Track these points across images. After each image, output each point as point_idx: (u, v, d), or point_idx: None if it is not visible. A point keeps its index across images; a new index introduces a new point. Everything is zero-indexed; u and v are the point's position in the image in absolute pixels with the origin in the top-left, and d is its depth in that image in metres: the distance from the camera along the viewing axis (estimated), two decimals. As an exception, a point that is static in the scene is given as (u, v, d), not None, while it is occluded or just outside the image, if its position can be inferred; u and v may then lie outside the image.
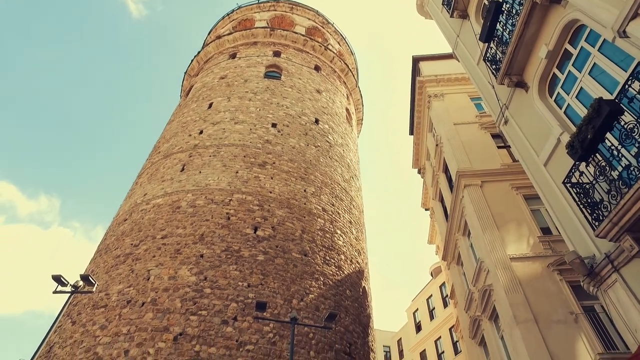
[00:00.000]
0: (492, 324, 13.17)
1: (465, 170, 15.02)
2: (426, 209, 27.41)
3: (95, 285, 11.40)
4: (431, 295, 29.91)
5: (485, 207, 13.67)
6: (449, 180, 18.09)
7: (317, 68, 29.51)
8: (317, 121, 24.59)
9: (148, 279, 15.07)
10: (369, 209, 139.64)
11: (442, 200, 20.42)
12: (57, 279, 10.90)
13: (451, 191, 16.92)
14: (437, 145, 18.98)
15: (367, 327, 18.63)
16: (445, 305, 27.75)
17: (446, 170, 18.59)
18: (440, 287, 29.06)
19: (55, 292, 10.95)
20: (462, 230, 15.90)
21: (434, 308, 29.36)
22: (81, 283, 11.31)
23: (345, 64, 32.09)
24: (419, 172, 26.26)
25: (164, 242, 16.14)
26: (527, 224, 12.86)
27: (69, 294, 11.23)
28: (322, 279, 16.82)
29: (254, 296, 14.36)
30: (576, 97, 8.03)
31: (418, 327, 30.72)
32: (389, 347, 36.62)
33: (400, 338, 34.65)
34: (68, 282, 11.16)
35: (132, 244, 16.82)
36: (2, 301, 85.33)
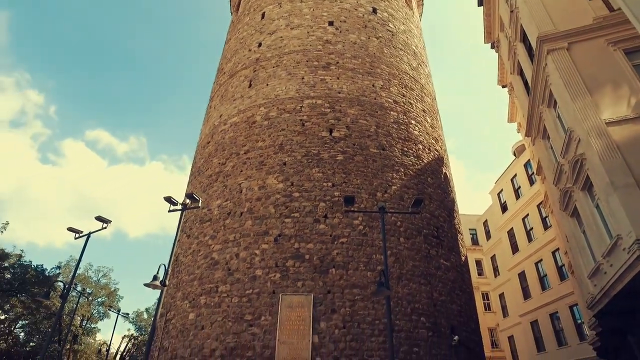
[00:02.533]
0: (585, 193, 12.75)
1: (548, 34, 13.44)
2: (503, 86, 25.52)
3: (200, 200, 12.76)
4: (515, 175, 29.17)
5: (573, 72, 12.40)
6: (529, 49, 16.42)
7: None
8: (374, 10, 22.96)
9: (241, 192, 16.49)
10: (442, 93, 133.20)
11: (521, 73, 18.81)
12: (168, 199, 12.35)
13: (532, 61, 15.45)
14: (511, 11, 16.97)
15: (452, 211, 19.06)
16: (532, 182, 27.04)
17: (524, 38, 16.79)
18: (525, 165, 28.09)
19: (169, 211, 12.48)
20: (547, 102, 14.79)
21: (519, 187, 28.80)
22: (188, 201, 12.72)
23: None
24: (492, 46, 24.01)
25: (248, 157, 17.22)
26: (628, 82, 11.55)
27: (181, 211, 12.75)
28: (402, 170, 17.12)
29: (339, 194, 15.16)
30: None
31: (504, 208, 30.64)
32: (475, 229, 37.35)
33: (486, 220, 35.00)
34: (177, 202, 12.62)
35: (219, 163, 18.19)
36: (129, 228, 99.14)
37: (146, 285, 10.67)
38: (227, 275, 14.78)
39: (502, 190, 30.98)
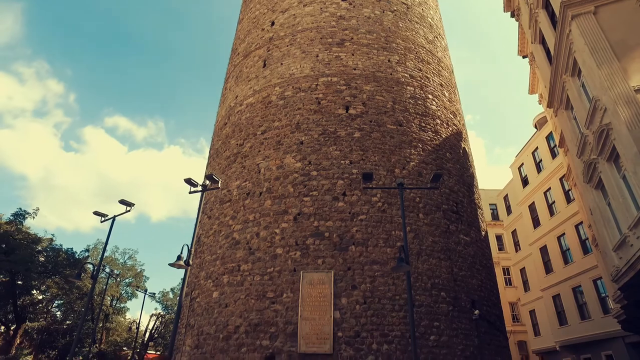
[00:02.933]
0: (610, 165, 12.40)
1: (573, -3, 12.86)
2: (524, 57, 24.70)
3: (220, 181, 12.94)
4: (537, 148, 28.50)
5: (600, 37, 11.88)
6: (551, 16, 15.79)
7: None
8: (388, -18, 22.28)
9: (259, 172, 16.61)
10: (459, 67, 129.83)
11: (543, 42, 18.15)
12: (188, 181, 12.56)
13: (554, 28, 14.87)
14: (534, -24, 16.27)
15: (471, 187, 18.84)
16: (554, 155, 26.40)
17: (547, 4, 16.14)
18: (547, 138, 27.40)
19: (190, 192, 12.72)
20: (570, 71, 14.28)
21: (540, 160, 28.17)
22: (207, 182, 12.92)
23: None
24: (512, 15, 23.17)
25: (265, 137, 17.26)
26: (660, 45, 11.02)
27: (201, 193, 12.98)
28: (420, 146, 16.93)
29: (357, 171, 15.13)
30: None
31: (524, 182, 30.09)
32: (495, 204, 36.88)
33: (507, 194, 34.49)
34: (197, 183, 12.82)
35: (237, 144, 18.31)
36: (151, 212, 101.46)
37: (171, 265, 10.99)
38: (249, 255, 15.07)
39: (522, 164, 30.37)
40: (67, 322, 33.24)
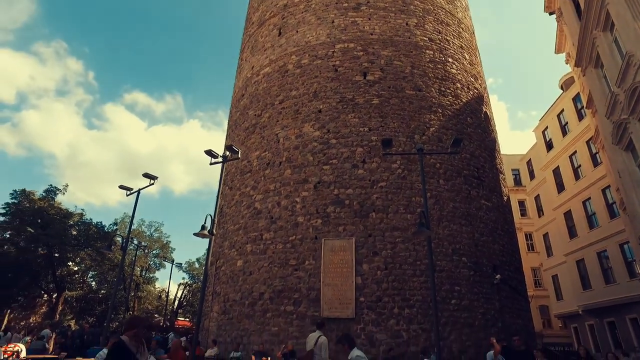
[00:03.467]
0: (643, 123, 11.92)
1: (606, -54, 12.07)
2: (551, 13, 23.50)
3: (239, 152, 13.03)
4: (562, 110, 27.50)
5: (635, -12, 11.18)
6: (582, -33, 14.90)
7: None
8: (406, -61, 21.29)
9: (278, 142, 16.65)
10: (480, 27, 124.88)
11: (572, -4, 17.21)
12: (209, 152, 12.69)
13: (585, -20, 14.05)
14: None
15: (493, 151, 18.47)
16: (580, 117, 25.47)
17: (577, -45, 15.21)
18: (573, 99, 26.36)
19: (211, 164, 12.86)
20: (602, 25, 13.55)
21: (566, 123, 27.23)
22: (227, 153, 13.03)
23: None
24: (539, -31, 21.90)
25: (283, 106, 17.19)
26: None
27: (221, 164, 13.11)
28: (440, 111, 16.59)
29: (376, 138, 15.00)
30: None
31: (549, 146, 29.25)
32: (518, 169, 36.13)
33: (530, 159, 33.66)
34: (218, 155, 12.95)
35: (255, 115, 18.31)
36: (174, 186, 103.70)
37: (195, 234, 11.27)
38: (270, 224, 15.34)
39: (547, 127, 29.43)
40: (102, 291, 35.00)
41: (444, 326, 13.18)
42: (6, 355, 8.57)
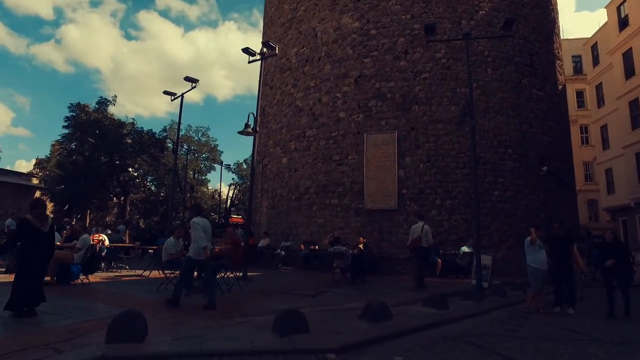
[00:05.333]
0: None
1: None
2: None
3: (276, 47, 12.76)
4: (643, -19, 23.78)
5: None
6: None
7: None
8: None
9: (316, 36, 16.03)
10: None
11: None
12: (246, 50, 12.53)
13: None
14: None
15: (550, 35, 16.86)
16: (662, -11, 22.07)
17: None
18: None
19: (250, 62, 12.74)
20: None
21: (647, -4, 23.68)
22: (265, 50, 12.80)
23: None
24: None
25: (319, -3, 16.18)
26: None
27: (260, 61, 12.98)
28: (492, -11, 14.98)
29: (419, 26, 14.02)
30: None
31: (623, 24, 25.88)
32: (580, 56, 32.88)
33: (596, 42, 30.22)
34: (255, 52, 12.77)
35: (291, 9, 17.45)
36: (217, 92, 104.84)
37: (240, 132, 11.69)
38: (312, 121, 15.49)
39: (624, 1, 25.77)
40: (162, 194, 38.09)
41: (486, 216, 13.45)
42: (94, 242, 10.06)
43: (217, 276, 8.45)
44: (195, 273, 8.45)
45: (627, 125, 25.51)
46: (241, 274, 10.23)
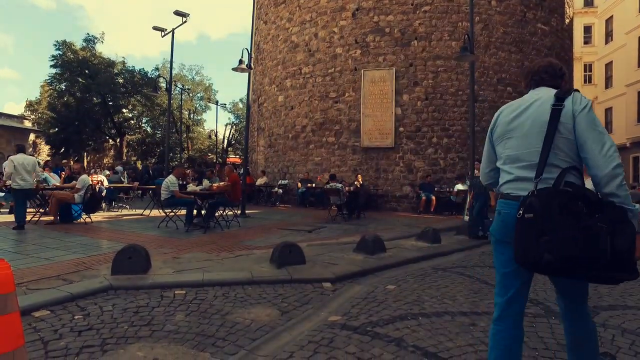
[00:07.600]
0: None
1: None
2: None
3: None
4: None
5: None
6: None
7: None
8: None
9: (312, -35, 15.06)
10: None
11: None
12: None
13: None
14: None
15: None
16: None
17: None
18: None
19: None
20: None
21: None
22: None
23: None
24: None
25: None
26: None
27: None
28: None
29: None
30: None
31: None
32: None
33: (611, 16, 28.35)
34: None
35: None
36: (211, 31, 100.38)
37: (234, 69, 11.34)
38: (309, 57, 15.02)
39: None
40: (157, 135, 37.74)
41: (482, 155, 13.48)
42: (94, 184, 10.16)
43: (217, 213, 8.67)
44: (195, 211, 8.65)
45: (634, 63, 24.91)
46: (240, 211, 10.47)
